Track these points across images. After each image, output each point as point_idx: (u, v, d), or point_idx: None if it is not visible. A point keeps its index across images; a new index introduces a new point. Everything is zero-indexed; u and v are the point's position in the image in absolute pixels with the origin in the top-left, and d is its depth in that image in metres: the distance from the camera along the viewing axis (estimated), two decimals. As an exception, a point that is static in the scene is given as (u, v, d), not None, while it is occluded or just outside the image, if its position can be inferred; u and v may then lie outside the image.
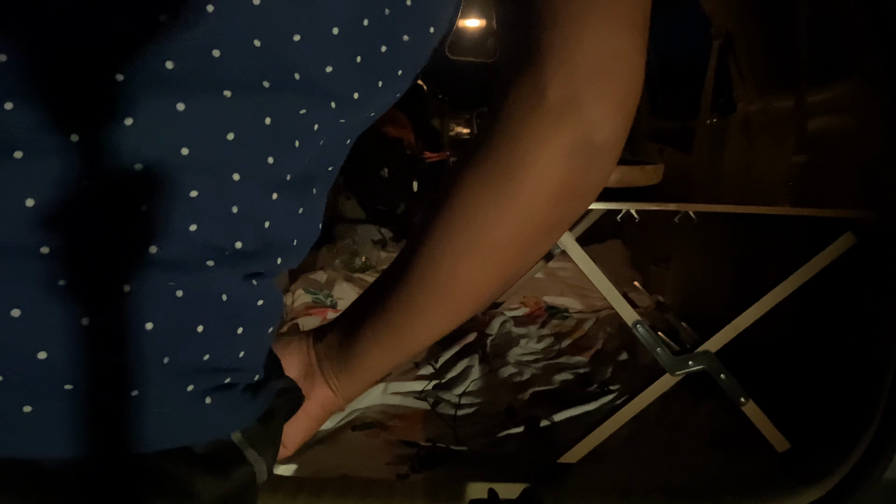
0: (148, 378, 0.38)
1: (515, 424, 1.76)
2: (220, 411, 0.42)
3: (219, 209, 0.39)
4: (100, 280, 0.36)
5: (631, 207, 1.43)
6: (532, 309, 2.68)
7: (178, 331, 0.39)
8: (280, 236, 0.43)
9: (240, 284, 0.42)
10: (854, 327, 1.52)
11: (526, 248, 0.47)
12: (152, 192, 0.36)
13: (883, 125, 1.47)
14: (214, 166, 0.38)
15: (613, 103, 0.41)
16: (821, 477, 1.42)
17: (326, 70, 0.41)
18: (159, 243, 0.37)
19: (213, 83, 0.37)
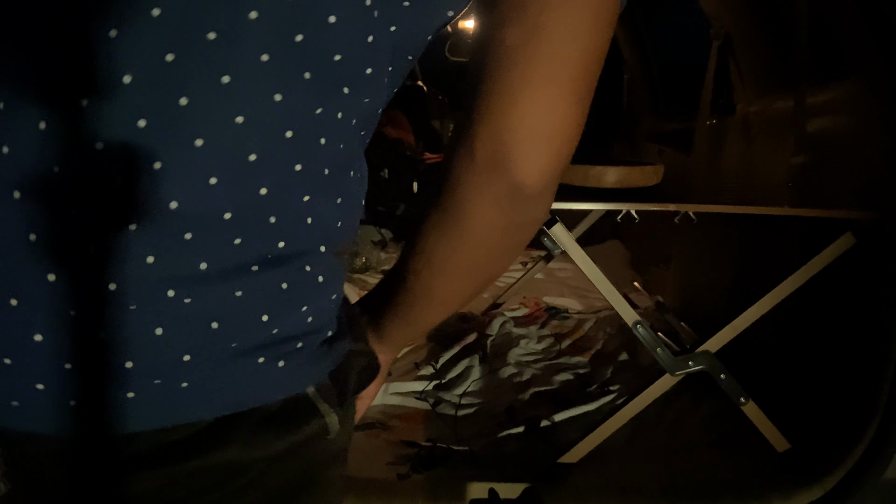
0: (218, 362, 0.46)
1: (516, 424, 1.76)
2: (291, 372, 0.50)
3: (253, 222, 0.45)
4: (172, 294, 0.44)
5: (631, 208, 1.44)
6: (532, 309, 2.68)
7: (244, 323, 0.47)
8: (322, 226, 0.49)
9: (294, 274, 0.48)
10: (854, 327, 1.52)
11: (482, 269, 0.57)
12: (193, 219, 0.43)
13: (882, 126, 1.47)
14: (241, 188, 0.44)
15: (542, 163, 0.47)
16: (821, 477, 1.43)
17: (335, 59, 0.45)
18: (206, 259, 0.44)
19: (226, 114, 0.42)
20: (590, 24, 0.48)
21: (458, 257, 0.55)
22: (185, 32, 0.40)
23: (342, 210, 0.51)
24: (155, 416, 0.46)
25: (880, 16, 1.37)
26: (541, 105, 0.46)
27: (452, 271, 0.57)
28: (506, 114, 0.46)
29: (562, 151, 0.48)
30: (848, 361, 1.53)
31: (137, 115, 0.41)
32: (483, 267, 0.58)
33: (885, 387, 1.36)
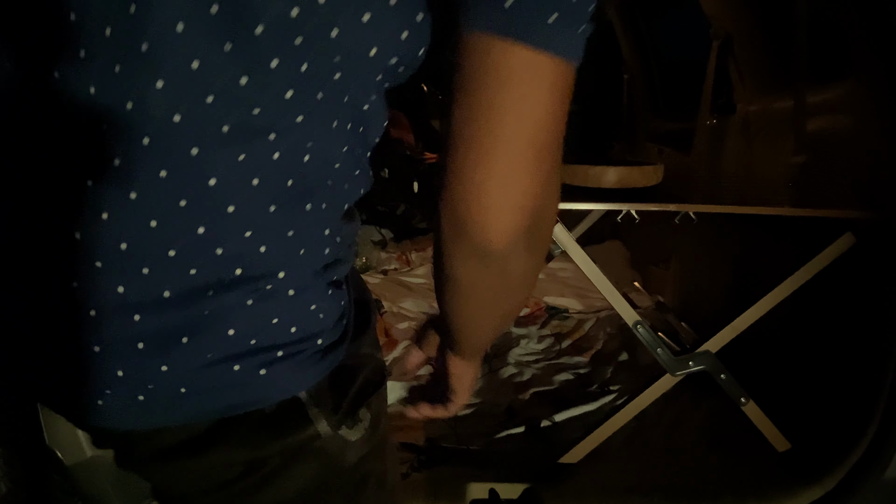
0: (194, 371, 0.54)
1: (516, 424, 1.76)
2: (275, 379, 0.56)
3: (199, 255, 0.52)
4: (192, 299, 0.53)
5: (631, 208, 1.44)
6: (532, 309, 2.68)
7: (212, 337, 0.54)
8: (279, 254, 0.55)
9: (257, 293, 0.55)
10: (854, 327, 1.52)
11: (493, 306, 0.63)
12: (143, 258, 0.52)
13: (882, 126, 1.47)
14: (179, 230, 0.51)
15: (500, 229, 0.51)
16: (821, 476, 1.43)
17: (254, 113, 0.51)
18: (167, 288, 0.53)
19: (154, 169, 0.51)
20: (538, 99, 0.49)
21: (463, 301, 0.62)
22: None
23: (299, 240, 0.55)
24: (159, 415, 0.55)
25: (879, 16, 1.37)
26: (490, 179, 0.50)
27: (466, 310, 0.64)
28: (461, 186, 0.50)
29: (517, 217, 0.51)
30: (848, 361, 1.53)
31: (87, 175, 0.50)
32: (491, 306, 0.63)
33: (885, 386, 1.36)
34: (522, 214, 0.51)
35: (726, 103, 2.38)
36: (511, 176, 0.50)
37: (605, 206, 1.46)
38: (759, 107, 2.19)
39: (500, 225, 0.51)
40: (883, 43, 1.39)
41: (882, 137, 1.47)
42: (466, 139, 0.49)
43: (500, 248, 0.53)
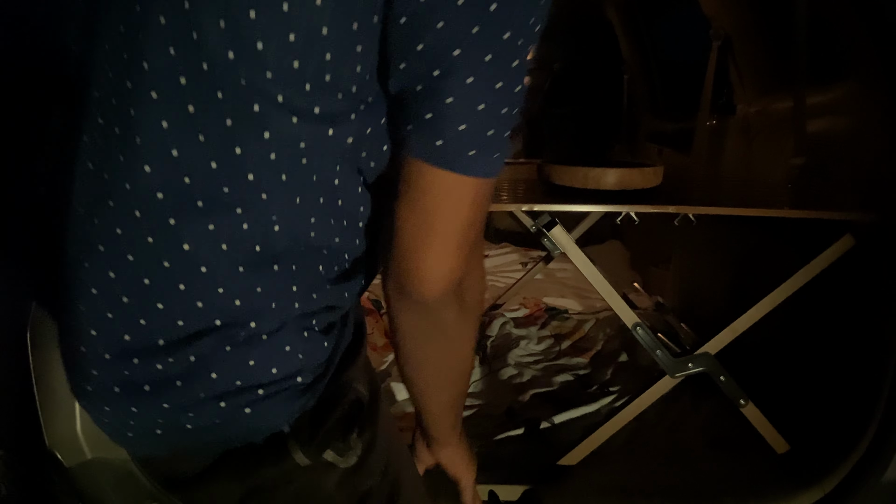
0: (190, 408, 0.66)
1: (515, 426, 1.76)
2: (260, 415, 0.66)
3: (186, 308, 0.64)
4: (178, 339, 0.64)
5: (630, 210, 1.43)
6: (532, 310, 2.68)
7: (200, 380, 0.65)
8: (252, 307, 0.65)
9: (233, 339, 0.65)
10: (853, 328, 1.52)
11: (429, 361, 0.79)
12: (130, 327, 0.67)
13: (881, 127, 1.47)
14: (151, 309, 0.65)
15: (432, 291, 0.67)
16: (820, 478, 1.43)
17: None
18: (162, 338, 0.65)
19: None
20: (462, 207, 0.64)
21: (413, 360, 0.78)
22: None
23: (267, 296, 0.65)
24: (174, 445, 0.70)
25: (878, 18, 1.37)
26: (427, 259, 0.66)
27: (418, 372, 0.80)
28: (405, 262, 0.67)
29: (444, 282, 0.67)
30: (847, 363, 1.53)
31: (98, 241, 0.64)
32: (436, 361, 0.78)
33: (884, 388, 1.36)
34: (449, 280, 0.67)
35: (726, 104, 2.38)
36: (441, 258, 0.66)
37: (604, 209, 1.45)
38: (758, 108, 2.19)
39: (433, 287, 0.67)
40: (882, 44, 1.39)
41: (882, 139, 1.47)
42: (410, 231, 0.65)
43: (433, 301, 0.68)
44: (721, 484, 1.51)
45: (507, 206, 1.53)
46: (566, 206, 1.47)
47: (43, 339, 1.37)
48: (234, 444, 0.68)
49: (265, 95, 0.57)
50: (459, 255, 0.67)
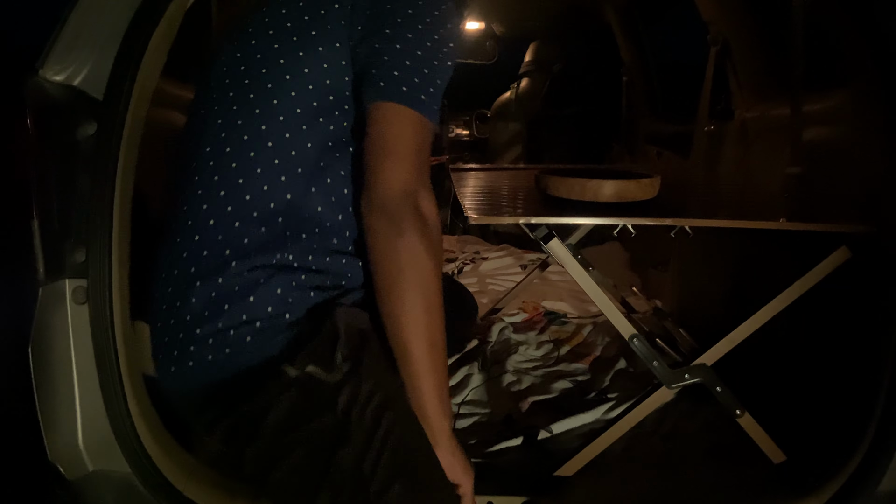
0: (199, 338, 1.00)
1: (514, 435, 1.76)
2: (261, 343, 0.97)
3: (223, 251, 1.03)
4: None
5: (627, 223, 1.44)
6: (531, 314, 2.69)
7: (201, 316, 1.00)
8: (235, 250, 1.02)
9: (227, 280, 1.00)
10: (850, 338, 1.53)
11: (395, 281, 0.96)
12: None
13: (878, 137, 1.47)
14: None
15: (393, 191, 0.94)
16: (817, 488, 1.43)
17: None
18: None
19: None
20: (408, 128, 0.97)
21: (382, 272, 0.96)
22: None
23: (270, 248, 1.00)
24: (201, 376, 1.00)
25: (875, 26, 1.38)
26: (390, 170, 0.95)
27: (389, 290, 0.96)
28: (375, 175, 0.96)
29: (403, 185, 0.95)
30: (844, 373, 1.53)
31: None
32: (402, 280, 0.94)
33: (880, 398, 1.36)
34: (403, 186, 0.94)
35: (724, 109, 2.38)
36: (396, 169, 0.95)
37: (601, 221, 1.46)
38: (756, 113, 2.19)
39: (392, 192, 0.94)
40: (879, 53, 1.39)
41: (878, 149, 1.47)
42: (372, 152, 0.96)
43: (393, 203, 0.94)
44: (718, 494, 1.52)
45: (505, 219, 1.54)
46: (563, 219, 1.48)
47: (45, 352, 1.38)
48: (250, 364, 0.96)
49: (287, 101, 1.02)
50: (411, 169, 0.95)
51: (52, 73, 1.39)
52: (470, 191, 1.85)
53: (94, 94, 1.39)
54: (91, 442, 1.41)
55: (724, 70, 2.35)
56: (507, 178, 2.21)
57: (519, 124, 4.14)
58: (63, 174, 1.37)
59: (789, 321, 1.54)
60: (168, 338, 1.03)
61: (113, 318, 1.39)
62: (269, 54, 1.04)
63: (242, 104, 1.04)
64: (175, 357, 1.01)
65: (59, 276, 1.37)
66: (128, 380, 1.41)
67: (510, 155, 4.18)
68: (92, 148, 1.38)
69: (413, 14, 1.01)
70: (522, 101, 4.15)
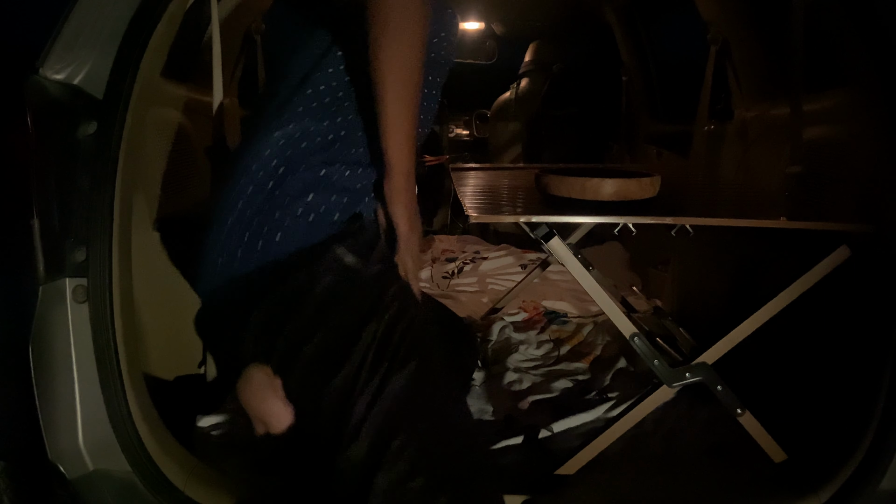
0: (271, 224, 1.19)
1: (514, 434, 1.76)
2: (314, 228, 1.15)
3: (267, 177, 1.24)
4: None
5: (628, 221, 1.44)
6: (531, 314, 2.69)
7: (269, 209, 1.18)
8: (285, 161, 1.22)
9: (287, 185, 1.19)
10: (850, 338, 1.53)
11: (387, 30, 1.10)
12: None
13: (877, 136, 1.47)
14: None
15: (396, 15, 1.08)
16: (817, 487, 1.44)
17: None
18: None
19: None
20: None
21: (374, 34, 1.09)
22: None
23: (297, 161, 1.20)
24: (248, 263, 1.17)
25: (874, 25, 1.38)
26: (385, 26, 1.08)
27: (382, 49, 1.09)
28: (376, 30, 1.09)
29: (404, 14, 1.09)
30: (844, 372, 1.54)
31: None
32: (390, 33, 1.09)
33: (881, 397, 1.37)
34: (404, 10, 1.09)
35: (724, 109, 2.38)
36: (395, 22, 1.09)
37: (601, 220, 1.46)
38: (756, 113, 2.19)
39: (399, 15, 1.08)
40: (878, 52, 1.39)
41: (878, 148, 1.47)
42: (380, 21, 1.08)
43: (401, 20, 1.08)
44: (718, 493, 1.52)
45: (505, 218, 1.54)
46: (564, 218, 1.47)
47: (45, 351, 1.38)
48: (285, 262, 1.13)
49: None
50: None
51: (53, 72, 1.39)
52: (470, 190, 1.85)
53: (95, 93, 1.40)
54: (91, 441, 1.41)
55: (724, 70, 2.36)
56: (507, 178, 2.21)
57: (519, 124, 4.14)
58: (63, 173, 1.37)
59: (790, 319, 1.54)
60: (223, 234, 1.20)
61: (113, 316, 1.39)
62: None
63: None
64: (225, 246, 1.19)
65: (60, 275, 1.37)
66: (128, 379, 1.41)
67: (510, 155, 4.18)
68: (92, 147, 1.38)
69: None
70: (522, 101, 4.15)
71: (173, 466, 1.44)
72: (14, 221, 1.40)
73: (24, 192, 1.37)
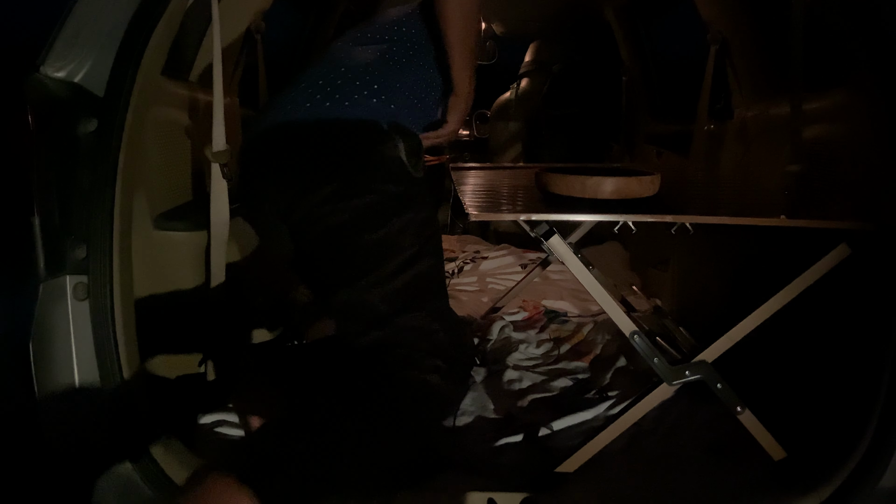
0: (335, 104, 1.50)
1: (514, 432, 1.77)
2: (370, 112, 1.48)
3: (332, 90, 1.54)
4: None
5: (628, 219, 1.44)
6: (531, 313, 2.69)
7: (333, 108, 1.47)
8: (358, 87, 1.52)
9: (354, 97, 1.48)
10: (850, 336, 1.53)
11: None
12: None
13: (877, 134, 1.47)
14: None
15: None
16: (817, 485, 1.44)
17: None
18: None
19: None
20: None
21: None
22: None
23: (356, 87, 1.48)
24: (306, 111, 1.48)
25: (874, 24, 1.38)
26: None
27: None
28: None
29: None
30: (844, 370, 1.54)
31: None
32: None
33: (880, 395, 1.37)
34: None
35: (724, 108, 2.38)
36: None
37: (602, 218, 1.46)
38: (756, 112, 2.19)
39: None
40: (878, 51, 1.39)
41: (877, 147, 1.47)
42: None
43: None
44: (718, 491, 1.52)
45: (505, 216, 1.54)
46: (564, 216, 1.48)
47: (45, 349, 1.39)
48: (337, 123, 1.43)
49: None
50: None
51: (53, 70, 1.39)
52: (470, 189, 1.85)
53: (95, 91, 1.40)
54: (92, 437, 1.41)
55: (724, 69, 2.36)
56: (507, 177, 2.22)
57: (519, 124, 4.14)
58: (64, 170, 1.37)
59: (789, 317, 1.54)
60: (295, 90, 1.50)
61: (114, 314, 1.40)
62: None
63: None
64: (295, 98, 1.47)
65: (60, 273, 1.37)
66: (128, 375, 1.41)
67: (510, 155, 4.18)
68: (92, 144, 1.38)
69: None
70: (522, 101, 4.15)
71: (174, 463, 1.44)
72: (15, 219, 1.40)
73: (24, 190, 1.37)
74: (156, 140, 1.79)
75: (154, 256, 1.72)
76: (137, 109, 1.45)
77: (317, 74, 1.50)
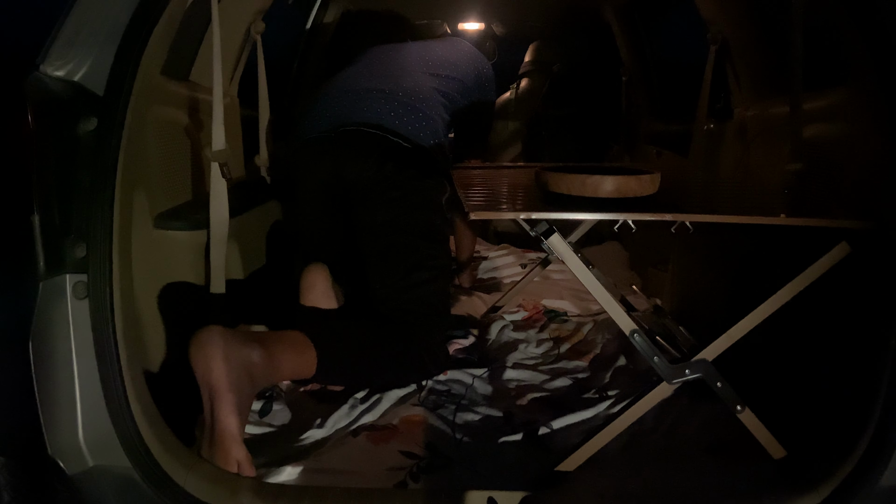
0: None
1: (514, 431, 1.77)
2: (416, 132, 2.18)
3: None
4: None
5: (628, 218, 1.44)
6: (531, 312, 2.69)
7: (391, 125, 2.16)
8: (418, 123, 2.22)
9: (410, 120, 2.18)
10: (850, 334, 1.53)
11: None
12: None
13: (877, 133, 1.47)
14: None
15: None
16: (817, 484, 1.43)
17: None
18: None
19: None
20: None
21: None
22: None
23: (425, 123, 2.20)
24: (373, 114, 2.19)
25: (874, 23, 1.38)
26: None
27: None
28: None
29: None
30: (844, 368, 1.54)
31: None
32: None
33: (880, 393, 1.36)
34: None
35: (724, 108, 2.38)
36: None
37: (601, 217, 1.46)
38: (755, 112, 2.19)
39: None
40: (878, 50, 1.39)
41: (877, 145, 1.47)
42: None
43: None
44: (718, 489, 1.52)
45: (505, 215, 1.54)
46: (564, 215, 1.48)
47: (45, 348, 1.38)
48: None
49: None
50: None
51: (53, 69, 1.39)
52: (469, 189, 1.85)
53: (95, 90, 1.40)
54: (91, 437, 1.41)
55: (724, 69, 2.36)
56: (506, 176, 2.22)
57: (518, 124, 4.14)
58: (64, 169, 1.37)
59: (790, 316, 1.54)
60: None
61: (113, 313, 1.40)
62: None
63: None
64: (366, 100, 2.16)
65: (60, 271, 1.37)
66: (128, 375, 1.41)
67: (510, 155, 4.18)
68: (92, 143, 1.38)
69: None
70: (522, 101, 4.15)
71: (173, 462, 1.44)
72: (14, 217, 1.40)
73: (24, 188, 1.37)
74: (155, 139, 1.79)
75: (154, 255, 1.72)
76: (137, 109, 1.44)
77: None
